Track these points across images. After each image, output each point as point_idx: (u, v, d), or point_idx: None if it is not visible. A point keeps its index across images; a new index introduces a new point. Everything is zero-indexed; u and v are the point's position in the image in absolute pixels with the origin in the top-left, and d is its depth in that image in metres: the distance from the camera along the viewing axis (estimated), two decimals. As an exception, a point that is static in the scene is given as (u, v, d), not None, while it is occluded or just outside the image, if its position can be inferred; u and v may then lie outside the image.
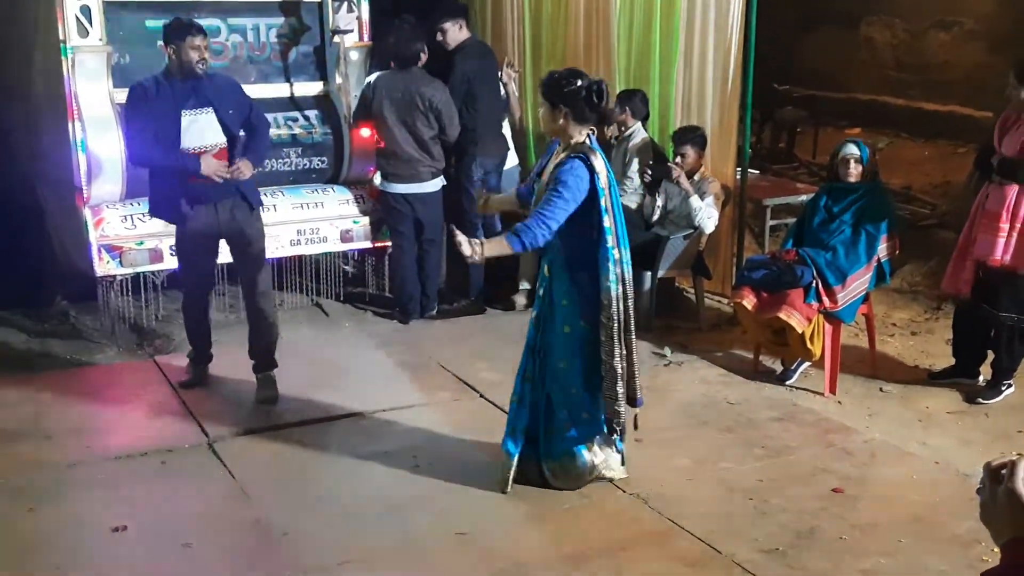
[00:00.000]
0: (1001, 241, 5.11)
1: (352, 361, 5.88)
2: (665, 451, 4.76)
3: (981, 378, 5.51)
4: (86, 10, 5.69)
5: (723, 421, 5.11)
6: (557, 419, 4.24)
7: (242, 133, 5.15)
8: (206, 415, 5.07)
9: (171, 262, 5.84)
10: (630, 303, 4.10)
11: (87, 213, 5.86)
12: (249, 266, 5.25)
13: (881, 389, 5.54)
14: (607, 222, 3.98)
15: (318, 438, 4.90)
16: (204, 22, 5.83)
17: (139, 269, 6.00)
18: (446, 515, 4.18)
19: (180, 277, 5.53)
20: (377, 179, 6.54)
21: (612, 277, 4.00)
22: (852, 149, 5.50)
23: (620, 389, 4.10)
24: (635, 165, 6.60)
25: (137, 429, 4.98)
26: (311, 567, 3.80)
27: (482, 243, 4.03)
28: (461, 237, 3.93)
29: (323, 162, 6.66)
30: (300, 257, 6.62)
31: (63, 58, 5.72)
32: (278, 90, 6.54)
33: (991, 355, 5.45)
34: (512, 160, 7.12)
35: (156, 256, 5.91)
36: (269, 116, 6.31)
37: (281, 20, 6.52)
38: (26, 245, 6.57)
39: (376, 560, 3.87)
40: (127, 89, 5.77)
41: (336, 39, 6.53)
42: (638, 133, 6.67)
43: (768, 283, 5.39)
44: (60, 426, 4.97)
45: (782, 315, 5.28)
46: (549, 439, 4.28)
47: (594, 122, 4.09)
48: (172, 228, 5.26)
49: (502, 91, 7.05)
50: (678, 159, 6.27)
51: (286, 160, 6.52)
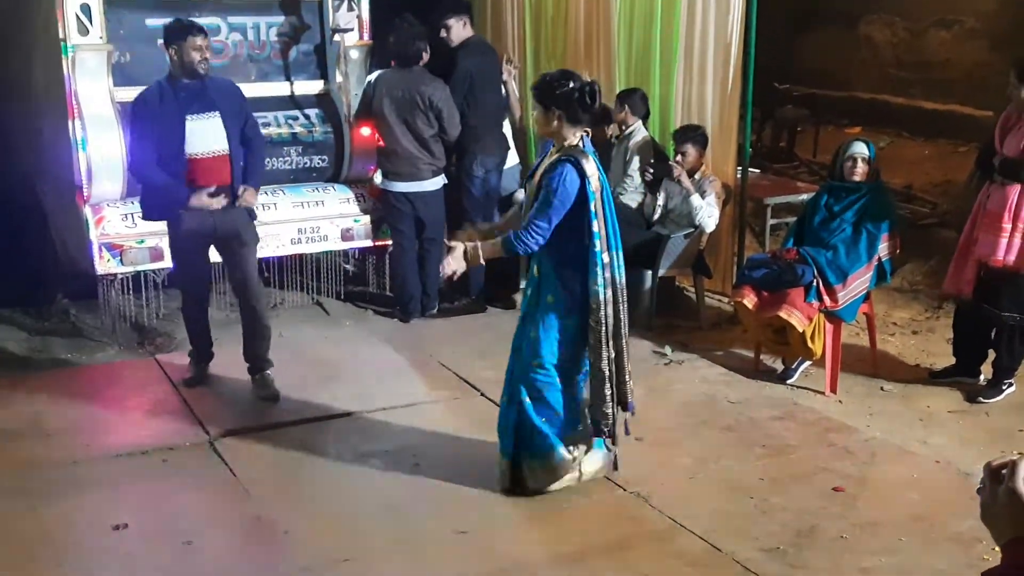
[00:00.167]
0: (1003, 241, 5.10)
1: (353, 360, 5.88)
2: (666, 450, 4.76)
3: (982, 377, 5.51)
4: (86, 9, 5.68)
5: (724, 420, 5.10)
6: (532, 415, 4.19)
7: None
8: (207, 413, 5.07)
9: (171, 261, 5.83)
10: (621, 307, 4.09)
11: (88, 211, 5.86)
12: (241, 266, 5.23)
13: (882, 388, 5.54)
14: (596, 226, 3.98)
15: (319, 436, 4.91)
16: (204, 20, 5.84)
17: (140, 267, 5.99)
18: (446, 513, 4.18)
19: (176, 278, 5.51)
20: (378, 178, 6.53)
21: (600, 281, 4.00)
22: (861, 148, 5.49)
23: (608, 392, 4.10)
24: (635, 163, 6.59)
25: (138, 427, 4.99)
26: (311, 565, 3.80)
27: (479, 252, 4.07)
28: (457, 247, 4.07)
29: (323, 161, 6.65)
30: (301, 256, 6.62)
31: (63, 57, 5.72)
32: (278, 89, 6.53)
33: (992, 354, 5.44)
34: (512, 159, 7.11)
35: (157, 254, 5.90)
36: (269, 115, 6.36)
37: (281, 18, 6.51)
38: (27, 244, 6.57)
39: (376, 558, 3.87)
40: (127, 88, 5.82)
41: (336, 38, 6.53)
42: (638, 131, 6.67)
43: (769, 282, 5.39)
44: (61, 425, 4.97)
45: (783, 314, 5.28)
46: (522, 437, 4.23)
47: (587, 123, 4.09)
48: (172, 227, 5.26)
49: (503, 90, 7.05)
50: (679, 158, 6.27)
51: (286, 159, 6.51)
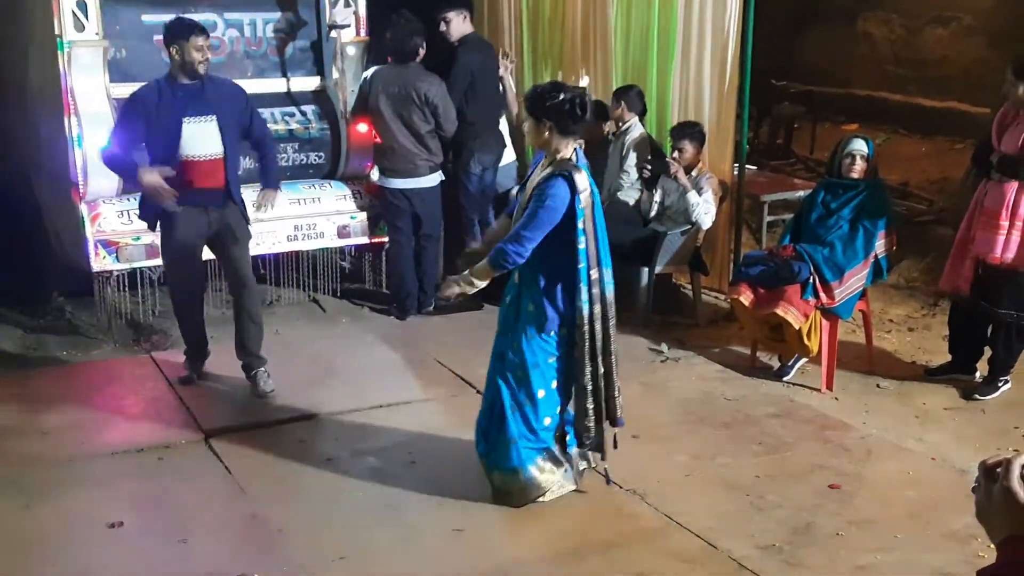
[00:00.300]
0: (1001, 239, 5.09)
1: (349, 357, 5.87)
2: (662, 447, 4.76)
3: (978, 374, 5.51)
4: (82, 5, 5.66)
5: (720, 417, 5.10)
6: (507, 428, 4.13)
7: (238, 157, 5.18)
8: (203, 411, 5.07)
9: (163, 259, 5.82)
10: (610, 323, 4.08)
11: (83, 208, 5.84)
12: (235, 263, 5.21)
13: (878, 385, 5.54)
14: (583, 243, 3.95)
15: (314, 434, 4.90)
16: (201, 17, 5.83)
17: (135, 265, 5.98)
18: (442, 511, 4.18)
19: (168, 278, 5.45)
20: (375, 174, 6.53)
21: (584, 298, 3.98)
22: (860, 145, 5.48)
23: (590, 406, 4.08)
24: (631, 159, 6.59)
25: (134, 425, 4.98)
26: (307, 563, 3.79)
27: (470, 277, 4.09)
28: (448, 283, 4.16)
29: (320, 157, 6.64)
30: (297, 253, 6.61)
31: (59, 53, 5.70)
32: (275, 85, 6.52)
33: (988, 351, 5.45)
34: (509, 156, 7.10)
35: (152, 251, 5.87)
36: (266, 111, 6.32)
37: (278, 15, 6.50)
38: (22, 241, 6.56)
39: (372, 556, 3.86)
40: (123, 84, 5.80)
41: (333, 34, 6.51)
42: (635, 128, 6.67)
43: (765, 279, 5.39)
44: (56, 422, 4.96)
45: (779, 311, 5.28)
46: (497, 449, 4.19)
47: (579, 135, 4.07)
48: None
49: (500, 86, 7.03)
50: (676, 154, 6.26)
51: (283, 155, 6.48)
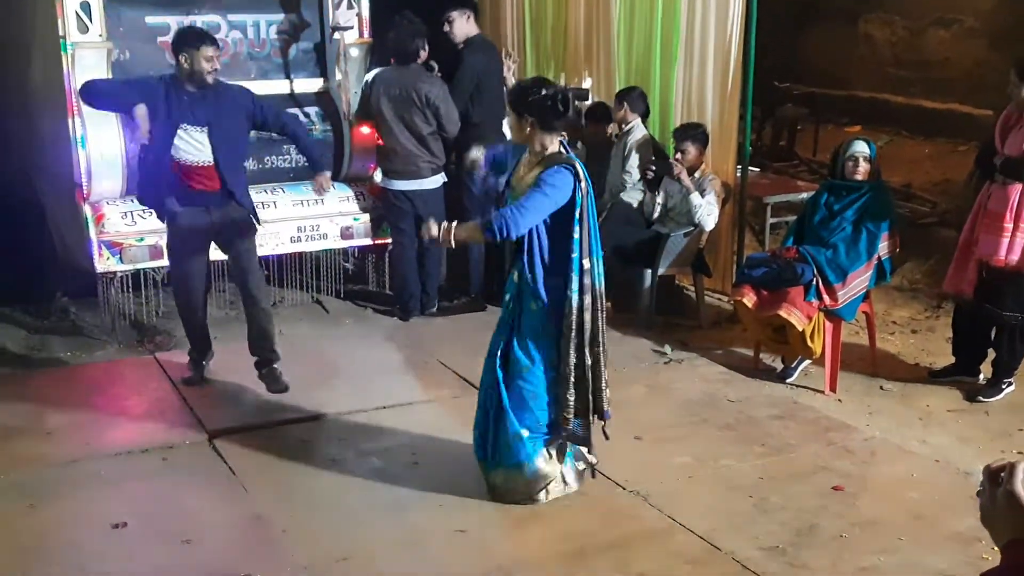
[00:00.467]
0: (1005, 241, 5.09)
1: (352, 358, 5.87)
2: (665, 449, 4.76)
3: (982, 376, 5.51)
4: (86, 6, 5.67)
5: (723, 419, 5.10)
6: (509, 425, 4.13)
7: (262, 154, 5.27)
8: (206, 412, 5.07)
9: (168, 257, 5.83)
10: (600, 314, 4.07)
11: (87, 209, 5.85)
12: (241, 259, 5.21)
13: (881, 387, 5.54)
14: (577, 233, 3.96)
15: (318, 435, 4.91)
16: (204, 19, 5.85)
17: (139, 265, 5.99)
18: (445, 512, 4.18)
19: (172, 278, 5.45)
20: (378, 176, 6.53)
21: (575, 287, 3.97)
22: (862, 147, 5.48)
23: (571, 397, 4.06)
24: (633, 160, 6.60)
25: (137, 426, 4.98)
26: (310, 563, 3.80)
27: (451, 227, 3.99)
28: (432, 226, 3.98)
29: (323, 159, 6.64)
30: (300, 254, 6.62)
31: (63, 54, 5.71)
32: (278, 87, 6.52)
33: (992, 353, 5.44)
34: (512, 158, 7.09)
35: (156, 252, 5.89)
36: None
37: (281, 16, 6.50)
38: (26, 242, 6.57)
39: (375, 557, 3.87)
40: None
41: (336, 36, 6.52)
42: (637, 129, 6.67)
43: (768, 281, 5.39)
44: (60, 423, 4.97)
45: (782, 313, 5.28)
46: (498, 447, 4.19)
47: (562, 130, 4.06)
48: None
49: (504, 88, 7.03)
50: (678, 156, 6.26)
51: (286, 156, 6.50)
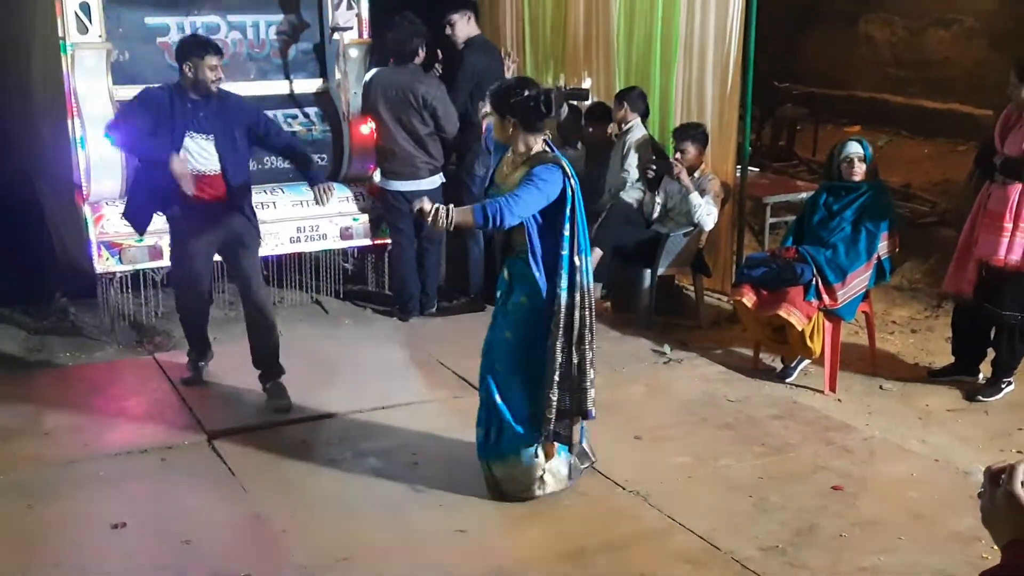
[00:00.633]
0: (1005, 241, 5.09)
1: (352, 358, 5.87)
2: (665, 448, 4.76)
3: (981, 376, 5.51)
4: (85, 7, 5.67)
5: (723, 418, 5.10)
6: (504, 417, 4.16)
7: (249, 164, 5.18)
8: (205, 412, 5.07)
9: (171, 261, 5.82)
10: (588, 313, 4.06)
11: (87, 210, 5.85)
12: (244, 268, 5.17)
13: (881, 387, 5.54)
14: (567, 230, 3.97)
15: (317, 435, 4.91)
16: (203, 19, 5.85)
17: (139, 266, 5.99)
18: (445, 512, 4.18)
19: (174, 283, 5.44)
20: (377, 176, 6.53)
21: (564, 284, 3.98)
22: (856, 148, 5.47)
23: (553, 397, 4.05)
24: (632, 159, 6.60)
25: (137, 426, 4.98)
26: (310, 564, 3.79)
27: (447, 210, 3.87)
28: (424, 202, 3.85)
29: (323, 159, 6.63)
30: (300, 254, 6.62)
31: (62, 55, 5.71)
32: (277, 87, 6.53)
33: (991, 353, 5.44)
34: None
35: (156, 253, 5.89)
36: (268, 114, 6.32)
37: (281, 17, 6.51)
38: (26, 242, 6.57)
39: (375, 557, 3.86)
40: (127, 86, 5.81)
41: (336, 36, 6.52)
42: (637, 128, 6.67)
43: (768, 281, 5.39)
44: (59, 423, 4.97)
45: (782, 313, 5.28)
46: (499, 439, 4.20)
47: (544, 130, 4.06)
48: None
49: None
50: (678, 155, 6.26)
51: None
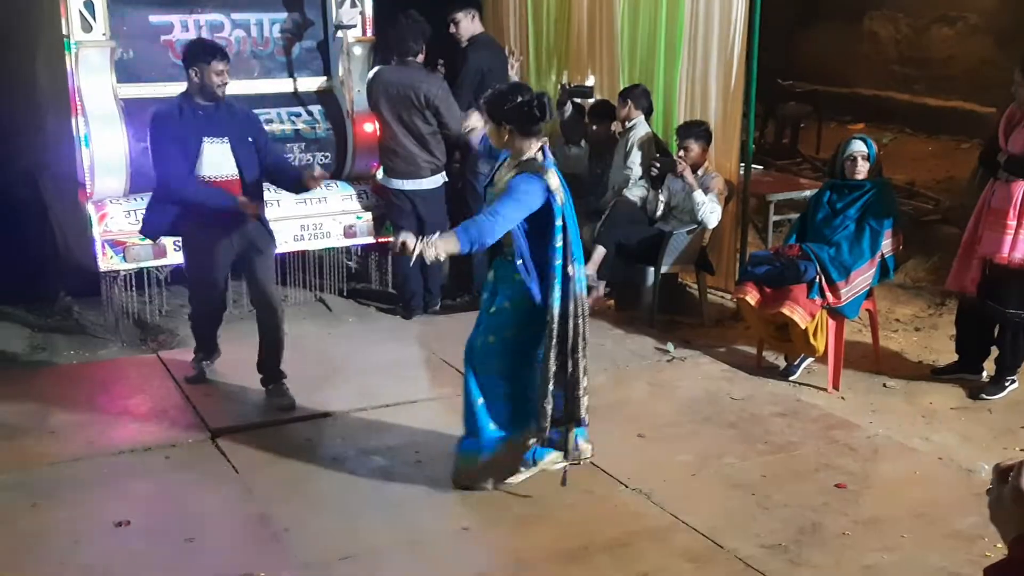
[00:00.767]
0: (1008, 238, 5.09)
1: (355, 356, 5.88)
2: (668, 446, 4.76)
3: (985, 374, 5.51)
4: (90, 5, 5.67)
5: (726, 417, 5.10)
6: (479, 416, 4.23)
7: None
8: (209, 410, 5.08)
9: (175, 257, 5.83)
10: (581, 321, 4.07)
11: (90, 208, 5.85)
12: (259, 276, 5.13)
13: (884, 385, 5.54)
14: (559, 241, 3.97)
15: (321, 433, 4.91)
16: (208, 17, 5.85)
17: (143, 264, 6.00)
18: (448, 510, 4.19)
19: (192, 292, 5.43)
20: (380, 174, 6.54)
21: (558, 294, 3.99)
22: (859, 146, 5.47)
23: (548, 406, 4.07)
24: (635, 156, 6.60)
25: (141, 424, 4.98)
26: (313, 562, 3.80)
27: (435, 241, 3.84)
28: (407, 238, 3.81)
29: (326, 157, 6.64)
30: (303, 252, 6.62)
31: (67, 53, 5.71)
32: (281, 85, 6.54)
33: (995, 351, 5.44)
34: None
35: (160, 251, 5.90)
36: (272, 111, 6.38)
37: (284, 15, 6.52)
38: (29, 240, 6.58)
39: (378, 555, 3.87)
40: (131, 84, 5.83)
41: (339, 34, 6.52)
42: (640, 126, 6.67)
43: (771, 279, 5.39)
44: (63, 421, 4.97)
45: (785, 311, 5.28)
46: (479, 437, 4.26)
47: (540, 134, 4.06)
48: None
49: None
50: (681, 153, 6.26)
51: (289, 155, 6.49)
